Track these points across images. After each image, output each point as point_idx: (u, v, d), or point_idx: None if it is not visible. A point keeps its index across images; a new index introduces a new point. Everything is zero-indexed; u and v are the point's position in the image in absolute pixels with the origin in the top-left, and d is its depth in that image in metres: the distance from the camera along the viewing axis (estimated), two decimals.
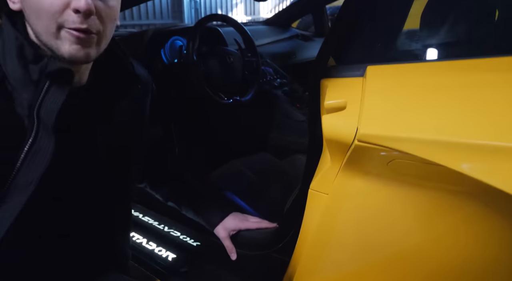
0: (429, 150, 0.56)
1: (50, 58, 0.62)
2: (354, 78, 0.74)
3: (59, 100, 0.62)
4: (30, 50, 0.62)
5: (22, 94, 0.63)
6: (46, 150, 0.63)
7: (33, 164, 0.63)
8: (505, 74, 0.60)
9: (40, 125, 0.62)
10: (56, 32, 0.60)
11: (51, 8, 0.58)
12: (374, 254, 0.76)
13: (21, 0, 0.62)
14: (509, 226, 0.65)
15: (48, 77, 0.62)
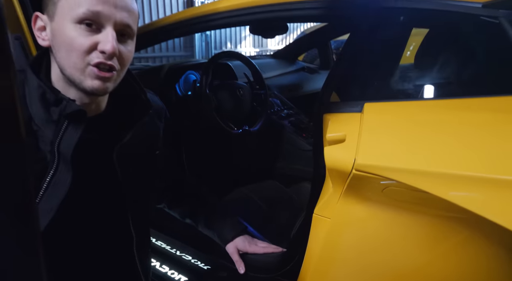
0: (417, 179, 0.64)
1: (68, 101, 0.72)
2: (353, 113, 0.83)
3: (76, 135, 0.72)
4: (51, 95, 0.72)
5: (45, 132, 0.72)
6: (65, 181, 0.71)
7: (53, 193, 0.71)
8: (486, 113, 0.69)
9: (60, 159, 0.72)
10: (82, 68, 0.70)
11: (80, 48, 0.69)
12: (373, 276, 0.83)
13: (51, 38, 0.72)
14: (498, 252, 0.71)
15: (67, 117, 0.71)
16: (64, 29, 0.69)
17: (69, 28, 0.68)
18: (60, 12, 0.69)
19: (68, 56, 0.70)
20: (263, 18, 1.20)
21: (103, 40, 0.69)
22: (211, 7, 1.28)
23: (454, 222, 0.71)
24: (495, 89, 0.74)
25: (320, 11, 1.03)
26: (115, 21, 0.70)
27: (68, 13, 0.68)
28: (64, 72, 0.72)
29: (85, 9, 0.68)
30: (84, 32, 0.68)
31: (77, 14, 0.68)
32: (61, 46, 0.70)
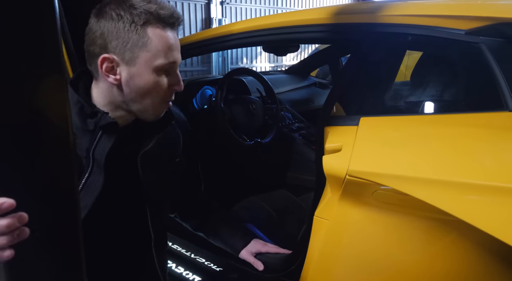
0: (401, 183, 0.74)
1: (103, 114, 0.84)
2: (350, 126, 0.93)
3: (108, 144, 0.84)
4: (88, 109, 0.84)
5: (82, 140, 0.84)
6: (98, 183, 0.83)
7: (87, 193, 0.83)
8: (466, 127, 0.79)
9: (94, 163, 0.83)
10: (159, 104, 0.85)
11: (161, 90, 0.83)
12: (370, 275, 0.92)
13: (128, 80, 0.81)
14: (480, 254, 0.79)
15: (101, 128, 0.83)
16: (145, 75, 0.81)
17: (150, 74, 0.81)
18: (142, 61, 0.80)
19: (146, 97, 0.83)
20: (273, 40, 1.32)
21: (176, 82, 0.85)
22: (225, 29, 1.41)
23: (441, 224, 0.80)
24: (475, 106, 0.84)
25: (324, 34, 1.14)
26: (178, 59, 0.85)
27: (150, 62, 0.80)
28: (131, 106, 0.85)
29: (166, 60, 0.82)
30: (161, 75, 0.82)
31: (159, 64, 0.81)
32: (139, 88, 0.82)
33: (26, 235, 0.49)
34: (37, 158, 0.51)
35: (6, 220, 0.47)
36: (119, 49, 0.79)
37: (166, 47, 0.81)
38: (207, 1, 7.32)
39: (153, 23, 0.79)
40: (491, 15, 0.85)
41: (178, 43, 0.85)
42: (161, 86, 0.82)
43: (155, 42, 0.80)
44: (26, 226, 0.50)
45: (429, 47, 1.04)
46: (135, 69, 0.81)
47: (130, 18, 0.78)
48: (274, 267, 1.24)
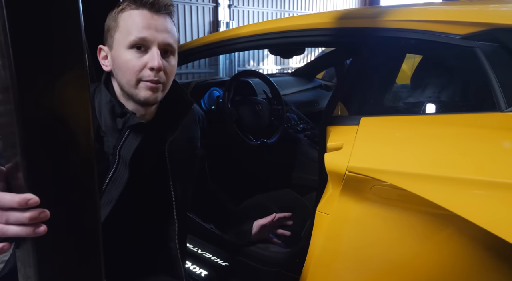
0: (397, 178, 0.78)
1: (131, 115, 0.89)
2: (351, 126, 0.98)
3: (135, 142, 0.89)
4: (118, 108, 0.90)
5: (109, 138, 0.90)
6: (123, 177, 0.89)
7: (113, 187, 0.88)
8: (461, 127, 0.83)
9: (120, 160, 0.89)
10: (135, 84, 0.88)
11: (134, 67, 0.87)
12: (370, 268, 0.96)
13: (112, 64, 0.91)
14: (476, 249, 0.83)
15: (129, 127, 0.89)
16: (120, 54, 0.87)
17: (124, 53, 0.87)
18: (116, 42, 0.88)
19: (124, 75, 0.88)
20: (279, 43, 1.37)
21: (150, 59, 0.86)
22: (233, 33, 1.47)
23: (438, 218, 0.84)
24: (470, 107, 0.88)
25: (328, 38, 1.19)
26: (158, 42, 0.87)
27: (122, 42, 0.87)
28: (123, 88, 0.90)
29: (133, 36, 0.86)
30: (135, 54, 0.87)
31: (129, 41, 0.86)
32: (119, 68, 0.89)
33: (44, 231, 0.52)
34: (59, 155, 0.54)
35: (30, 212, 0.51)
36: (106, 38, 0.90)
37: (135, 24, 0.86)
38: (215, 4, 7.41)
39: (129, 8, 0.87)
40: (486, 21, 0.89)
41: (157, 23, 0.87)
42: (134, 64, 0.86)
43: (125, 22, 0.87)
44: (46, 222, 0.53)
45: (427, 51, 1.08)
46: (114, 52, 0.89)
47: (114, 9, 0.88)
48: (278, 261, 1.29)
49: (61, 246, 0.58)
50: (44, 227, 0.52)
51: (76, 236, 0.60)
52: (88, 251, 0.62)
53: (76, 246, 0.60)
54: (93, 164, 0.59)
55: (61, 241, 0.58)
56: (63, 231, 0.57)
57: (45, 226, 0.52)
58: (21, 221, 0.50)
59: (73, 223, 0.59)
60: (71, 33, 0.53)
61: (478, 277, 0.86)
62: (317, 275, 1.05)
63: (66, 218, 0.57)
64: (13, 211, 0.51)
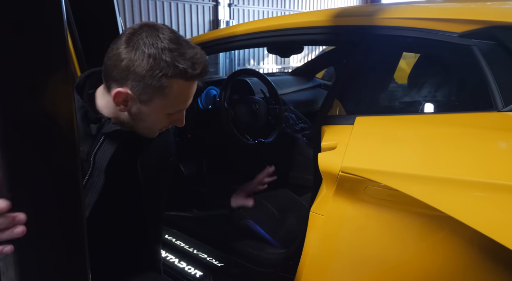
0: (390, 179, 0.77)
1: (106, 120, 0.87)
2: (345, 125, 0.96)
3: (111, 149, 0.87)
4: (92, 114, 0.87)
5: (83, 144, 0.86)
6: (98, 184, 0.86)
7: (88, 193, 0.86)
8: (455, 127, 0.82)
9: (94, 167, 0.86)
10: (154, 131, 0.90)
11: (159, 125, 0.89)
12: (363, 269, 0.94)
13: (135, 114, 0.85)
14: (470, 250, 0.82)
15: (103, 134, 0.86)
16: (153, 116, 0.85)
17: (159, 117, 0.86)
18: (155, 105, 0.83)
19: (147, 127, 0.89)
20: (276, 41, 1.36)
21: (178, 121, 0.89)
22: (230, 31, 1.45)
23: (433, 220, 0.82)
24: (467, 106, 0.86)
25: (324, 36, 1.18)
26: None
27: (162, 109, 0.84)
28: (133, 126, 0.88)
29: (178, 108, 0.86)
30: (168, 117, 0.87)
31: (171, 111, 0.85)
32: (144, 122, 0.87)
33: (22, 233, 0.52)
34: (43, 155, 0.54)
35: (3, 218, 0.51)
36: (137, 90, 0.80)
37: (183, 98, 0.84)
38: (215, 3, 7.39)
39: (179, 77, 0.79)
40: (483, 19, 0.87)
41: (195, 89, 0.86)
42: (162, 123, 0.88)
43: (174, 93, 0.81)
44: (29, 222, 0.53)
45: (424, 49, 1.07)
46: (146, 109, 0.83)
47: (158, 66, 0.77)
48: (273, 262, 1.28)
49: (44, 247, 0.57)
50: (22, 228, 0.51)
51: (60, 235, 0.59)
52: (72, 250, 0.62)
53: (61, 246, 0.60)
54: (77, 163, 0.59)
55: (44, 241, 0.57)
56: (46, 231, 0.57)
57: (24, 227, 0.52)
58: None
59: (56, 222, 0.58)
60: (53, 33, 0.52)
61: (473, 278, 0.84)
62: (312, 276, 1.03)
63: (49, 218, 0.57)
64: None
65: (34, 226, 0.54)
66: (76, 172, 0.59)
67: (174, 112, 0.86)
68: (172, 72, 0.77)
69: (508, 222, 0.68)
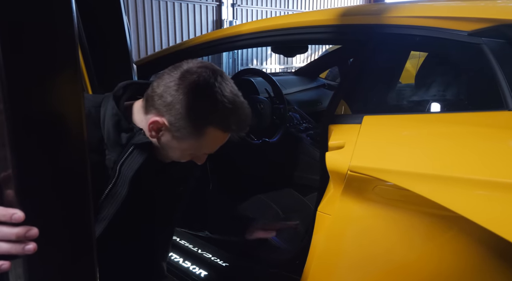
0: (400, 178, 0.76)
1: (138, 131, 0.85)
2: (353, 124, 0.95)
3: (139, 160, 0.84)
4: (125, 123, 0.85)
5: (111, 152, 0.85)
6: (121, 194, 0.84)
7: (109, 203, 0.83)
8: (465, 126, 0.81)
9: (119, 176, 0.84)
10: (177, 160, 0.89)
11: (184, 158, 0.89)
12: (371, 269, 0.94)
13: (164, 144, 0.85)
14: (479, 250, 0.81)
15: (133, 144, 0.84)
16: (180, 151, 0.86)
17: (185, 153, 0.87)
18: (187, 144, 0.84)
19: (169, 155, 0.89)
20: (281, 40, 1.35)
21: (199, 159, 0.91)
22: (234, 30, 1.45)
23: (442, 220, 0.82)
24: (477, 105, 0.85)
25: (330, 35, 1.17)
26: None
27: (191, 148, 0.85)
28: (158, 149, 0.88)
29: (203, 152, 0.88)
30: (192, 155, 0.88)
31: (197, 153, 0.87)
32: (169, 151, 0.87)
33: (34, 249, 0.51)
34: (51, 156, 0.53)
35: (17, 229, 0.49)
36: (175, 126, 0.80)
37: (213, 146, 0.86)
38: (219, 3, 7.39)
39: (219, 128, 0.81)
40: (493, 17, 0.86)
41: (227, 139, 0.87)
42: (185, 158, 0.89)
43: (209, 140, 0.83)
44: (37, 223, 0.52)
45: (433, 48, 1.06)
46: (176, 144, 0.84)
47: (203, 114, 0.79)
48: (278, 262, 1.27)
49: (52, 246, 0.57)
50: (34, 246, 0.50)
51: (68, 236, 0.58)
52: (80, 251, 0.61)
53: (68, 246, 0.59)
54: (86, 166, 0.58)
55: (52, 242, 0.57)
56: (54, 232, 0.56)
57: (35, 244, 0.51)
58: (9, 237, 0.49)
59: (64, 224, 0.57)
60: (63, 31, 0.52)
61: (481, 278, 0.84)
62: (318, 277, 1.03)
63: (57, 219, 0.56)
64: (1, 226, 0.50)
65: (42, 226, 0.53)
66: (85, 174, 0.58)
67: (200, 155, 0.88)
68: (216, 123, 0.80)
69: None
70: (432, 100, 0.97)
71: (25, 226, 0.50)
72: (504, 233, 0.67)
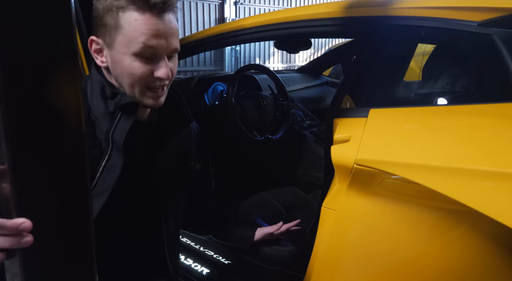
0: (408, 171, 0.74)
1: (123, 95, 0.83)
2: (359, 118, 0.93)
3: (127, 124, 0.83)
4: (109, 89, 0.84)
5: (102, 122, 0.84)
6: (117, 165, 0.82)
7: (108, 176, 0.82)
8: (474, 118, 0.78)
9: (113, 146, 0.83)
10: (140, 91, 0.83)
11: (140, 76, 0.81)
12: (377, 265, 0.91)
13: (111, 64, 0.82)
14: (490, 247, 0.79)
15: (121, 109, 0.82)
16: (123, 59, 0.80)
17: (128, 60, 0.79)
18: (118, 44, 0.79)
19: (129, 82, 0.82)
20: (285, 34, 1.33)
21: (159, 68, 0.80)
22: (238, 24, 1.43)
23: (451, 214, 0.79)
24: (487, 97, 0.83)
25: (336, 28, 1.14)
26: (167, 48, 0.81)
27: (125, 47, 0.78)
28: (125, 89, 0.84)
29: (141, 45, 0.77)
30: (141, 62, 0.79)
31: (135, 49, 0.78)
32: (122, 73, 0.82)
33: (30, 242, 0.49)
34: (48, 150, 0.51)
35: (10, 222, 0.48)
36: (101, 33, 0.81)
37: (142, 31, 0.77)
38: (221, 1, 7.37)
39: (131, 8, 0.77)
40: (504, 6, 0.84)
41: (165, 28, 0.80)
42: (140, 72, 0.80)
43: (129, 25, 0.77)
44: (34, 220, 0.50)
45: (441, 39, 1.03)
46: (114, 53, 0.81)
47: (110, 2, 0.78)
48: (282, 260, 1.25)
49: (49, 243, 0.55)
50: (30, 238, 0.49)
51: (66, 233, 0.57)
52: (78, 248, 0.59)
53: (66, 243, 0.57)
54: (85, 160, 0.56)
55: (50, 238, 0.55)
56: (51, 229, 0.54)
57: (31, 236, 0.49)
58: (2, 231, 0.48)
59: (62, 219, 0.56)
60: (61, 22, 0.50)
61: (491, 275, 0.81)
62: (323, 274, 1.00)
63: (54, 215, 0.54)
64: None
65: (39, 223, 0.51)
66: (84, 169, 0.56)
67: (140, 52, 0.78)
68: (123, 2, 0.77)
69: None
70: (440, 93, 0.95)
71: (18, 218, 0.48)
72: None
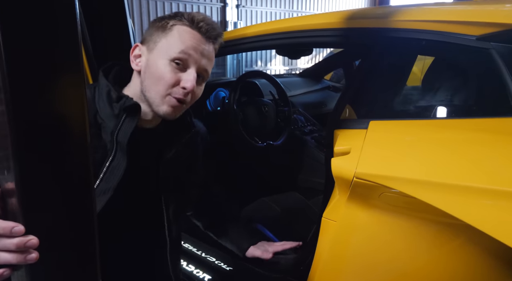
0: (406, 186, 0.75)
1: (127, 98, 0.87)
2: (359, 130, 0.94)
3: (131, 125, 0.86)
4: (114, 93, 0.88)
5: (108, 124, 0.87)
6: (121, 166, 0.86)
7: (111, 176, 0.85)
8: (473, 132, 0.79)
9: (117, 147, 0.86)
10: (162, 96, 0.86)
11: (167, 81, 0.85)
12: (376, 276, 0.92)
13: (145, 67, 0.88)
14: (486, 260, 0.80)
15: (125, 110, 0.86)
16: (158, 62, 0.85)
17: (163, 63, 0.85)
18: (159, 48, 0.86)
19: (155, 85, 0.86)
20: (286, 43, 1.34)
21: (185, 78, 0.85)
22: (240, 33, 1.44)
23: (448, 228, 0.80)
24: (485, 111, 0.84)
25: (336, 38, 1.16)
26: (199, 65, 0.87)
27: (165, 51, 0.85)
28: (145, 94, 0.88)
29: (179, 50, 0.84)
30: (173, 68, 0.85)
31: (173, 53, 0.84)
32: (152, 75, 0.87)
33: (36, 258, 0.50)
34: (53, 158, 0.52)
35: (17, 239, 0.49)
36: (147, 40, 0.89)
37: (185, 40, 0.85)
38: (223, 4, 7.40)
39: (185, 24, 0.86)
40: (502, 21, 0.85)
41: (204, 48, 0.87)
42: (169, 77, 0.85)
43: (176, 34, 0.85)
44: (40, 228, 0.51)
45: (440, 52, 1.04)
46: (152, 56, 0.87)
47: (166, 21, 0.88)
48: (283, 267, 1.26)
49: (54, 248, 0.56)
50: (36, 255, 0.50)
51: (71, 239, 0.58)
52: (83, 254, 0.61)
53: (70, 248, 0.59)
54: (89, 168, 0.57)
55: (54, 243, 0.56)
56: (56, 235, 0.56)
57: (37, 253, 0.50)
58: (9, 248, 0.49)
59: (67, 226, 0.57)
60: (65, 30, 0.51)
61: None
62: None
63: (59, 222, 0.56)
64: (1, 238, 0.49)
65: (45, 230, 0.53)
66: (88, 179, 0.57)
67: (176, 57, 0.84)
68: (179, 20, 0.87)
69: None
70: (439, 106, 0.96)
71: (25, 236, 0.49)
72: (510, 242, 0.66)
